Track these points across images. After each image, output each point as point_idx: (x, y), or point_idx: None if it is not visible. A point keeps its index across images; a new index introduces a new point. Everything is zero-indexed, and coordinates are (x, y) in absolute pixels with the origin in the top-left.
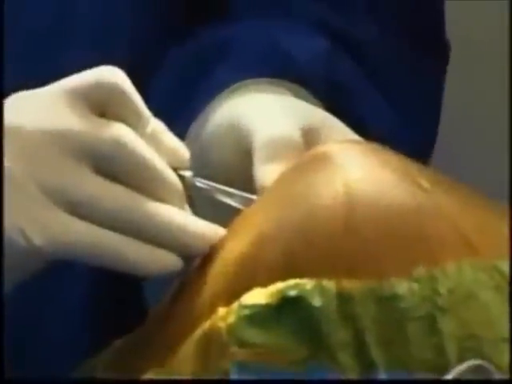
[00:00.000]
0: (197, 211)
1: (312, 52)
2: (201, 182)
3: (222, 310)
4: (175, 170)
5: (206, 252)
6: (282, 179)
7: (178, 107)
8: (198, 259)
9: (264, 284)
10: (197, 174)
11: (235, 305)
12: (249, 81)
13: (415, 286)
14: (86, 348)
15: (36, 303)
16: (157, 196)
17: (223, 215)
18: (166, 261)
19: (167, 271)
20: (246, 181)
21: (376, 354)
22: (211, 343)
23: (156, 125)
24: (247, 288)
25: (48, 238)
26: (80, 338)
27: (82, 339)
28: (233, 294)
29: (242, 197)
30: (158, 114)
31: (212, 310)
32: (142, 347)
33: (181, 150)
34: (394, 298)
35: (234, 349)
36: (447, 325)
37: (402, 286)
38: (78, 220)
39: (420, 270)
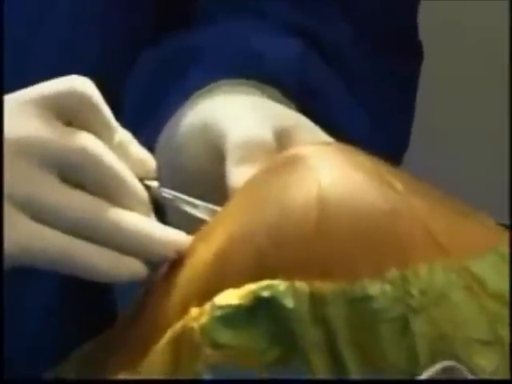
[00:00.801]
0: (168, 221)
1: (285, 53)
2: (166, 193)
3: (194, 311)
4: (141, 180)
5: (173, 258)
6: (254, 181)
7: (150, 109)
8: (167, 263)
9: (236, 285)
10: (169, 177)
11: (208, 305)
12: (221, 82)
13: (387, 287)
14: (54, 352)
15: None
16: (123, 205)
17: (194, 224)
18: (133, 268)
19: (134, 278)
20: (217, 182)
21: (348, 355)
22: (183, 344)
23: (123, 135)
24: (219, 289)
25: (15, 246)
26: (47, 342)
27: (49, 343)
28: (205, 295)
29: (206, 208)
30: (129, 117)
31: (184, 311)
32: (112, 350)
33: (147, 160)
34: (367, 299)
35: (207, 350)
36: (419, 326)
37: (374, 288)
38: (45, 228)
39: (392, 272)
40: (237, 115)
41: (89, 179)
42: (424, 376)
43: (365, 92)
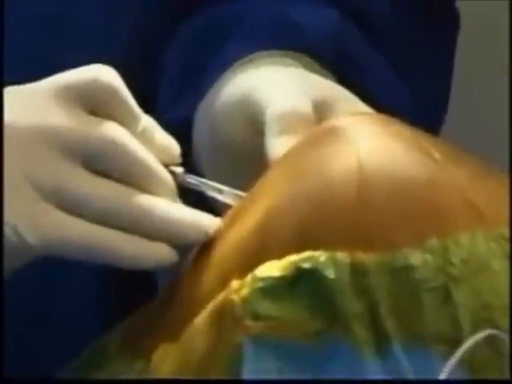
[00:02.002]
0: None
1: (323, 24)
2: (192, 179)
3: (235, 283)
4: (166, 166)
5: (203, 241)
6: (294, 152)
7: (189, 81)
8: (197, 245)
9: (277, 257)
10: (206, 148)
11: (249, 277)
12: (260, 53)
13: (428, 256)
14: (96, 332)
15: (44, 288)
16: (150, 192)
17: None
18: (162, 254)
19: (164, 264)
20: (256, 153)
21: (390, 325)
22: (224, 316)
23: (147, 122)
24: (260, 261)
25: (40, 236)
26: (89, 323)
27: (92, 324)
28: (246, 267)
29: (232, 193)
30: (168, 89)
31: (225, 283)
32: (152, 324)
33: (172, 146)
34: (408, 269)
35: (248, 322)
36: (461, 295)
37: (415, 257)
38: (71, 217)
39: (433, 241)
40: (276, 86)
41: (115, 168)
42: (467, 344)
43: (403, 62)
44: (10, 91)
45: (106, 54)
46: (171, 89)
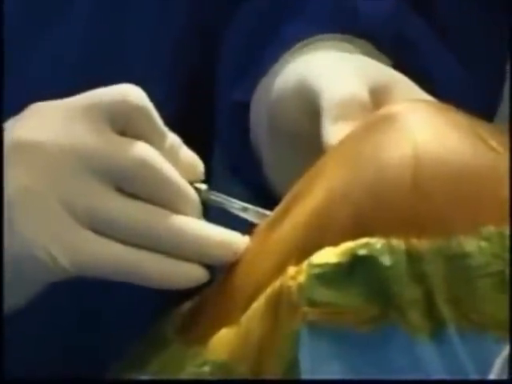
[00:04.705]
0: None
1: (380, 8)
2: (216, 196)
3: (292, 269)
4: (191, 183)
5: (231, 260)
6: (350, 139)
7: (249, 63)
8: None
9: (334, 243)
10: (263, 132)
11: (305, 264)
12: (318, 37)
13: (484, 244)
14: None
15: (95, 284)
16: (177, 210)
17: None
18: (193, 274)
19: (194, 284)
20: (312, 139)
21: (446, 311)
22: (281, 302)
23: (173, 139)
24: (317, 247)
25: (74, 258)
26: (147, 307)
27: (149, 308)
28: (303, 253)
29: (255, 211)
30: (227, 71)
31: (282, 269)
32: (209, 309)
33: (197, 163)
34: (464, 256)
35: (305, 308)
36: None
37: (471, 244)
38: (103, 239)
39: (490, 228)
40: (333, 72)
41: (147, 190)
42: None
43: (461, 47)
44: (37, 108)
45: (163, 34)
46: (230, 70)
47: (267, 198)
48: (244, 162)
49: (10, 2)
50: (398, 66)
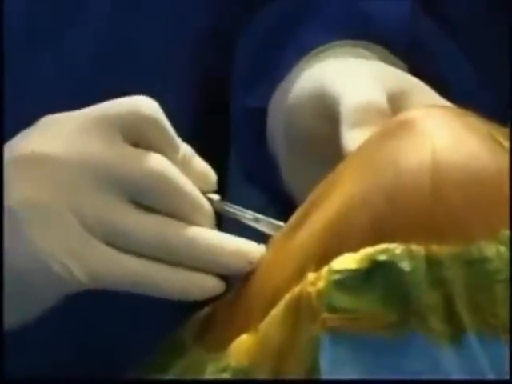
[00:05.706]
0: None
1: (395, 14)
2: (228, 206)
3: (311, 275)
4: (204, 193)
5: (246, 270)
6: (368, 145)
7: (264, 69)
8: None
9: (353, 249)
10: (280, 138)
11: (325, 270)
12: (334, 43)
13: (503, 248)
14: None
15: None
16: (191, 221)
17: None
18: (209, 285)
19: (209, 295)
20: (330, 144)
21: (466, 317)
22: (300, 308)
23: (185, 150)
24: (337, 253)
25: (90, 272)
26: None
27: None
28: (322, 259)
29: (267, 222)
30: (241, 76)
31: (301, 275)
32: (228, 315)
33: (209, 173)
34: (483, 261)
35: (325, 314)
36: None
37: (490, 250)
38: (119, 253)
39: (506, 233)
40: (350, 78)
41: (161, 202)
42: None
43: (473, 49)
44: (50, 120)
45: (179, 40)
46: (245, 76)
47: (283, 202)
48: (259, 165)
49: (22, 8)
50: (413, 69)
